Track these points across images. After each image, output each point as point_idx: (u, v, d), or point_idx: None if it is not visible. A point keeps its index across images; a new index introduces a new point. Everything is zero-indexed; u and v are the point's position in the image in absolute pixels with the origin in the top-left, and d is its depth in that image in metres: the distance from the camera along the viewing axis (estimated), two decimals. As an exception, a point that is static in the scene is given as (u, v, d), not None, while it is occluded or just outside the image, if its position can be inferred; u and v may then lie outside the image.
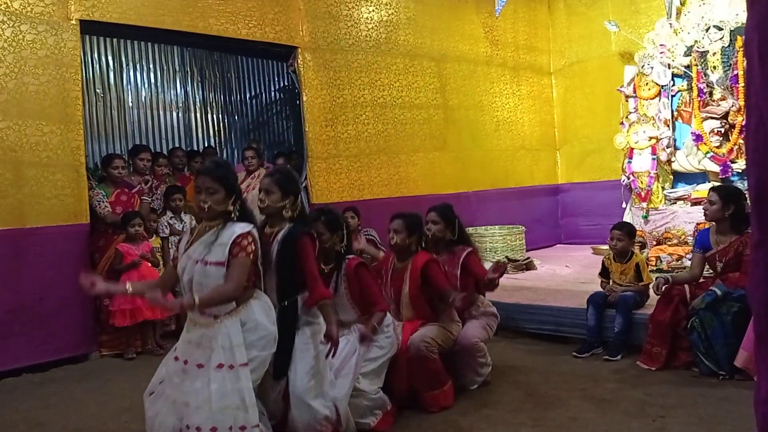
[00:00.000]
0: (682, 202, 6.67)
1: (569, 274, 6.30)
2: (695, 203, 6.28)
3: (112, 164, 5.26)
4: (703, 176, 6.68)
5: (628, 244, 4.58)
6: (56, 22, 4.82)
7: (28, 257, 4.64)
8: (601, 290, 4.58)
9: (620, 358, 4.17)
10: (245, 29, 5.84)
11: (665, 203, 6.79)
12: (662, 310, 4.01)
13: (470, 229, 7.12)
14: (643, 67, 6.94)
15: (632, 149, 7.00)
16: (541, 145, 8.70)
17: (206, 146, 7.04)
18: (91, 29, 5.29)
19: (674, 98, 6.89)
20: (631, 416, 3.24)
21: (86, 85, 6.26)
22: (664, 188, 6.87)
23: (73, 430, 3.53)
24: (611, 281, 4.62)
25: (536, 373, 4.06)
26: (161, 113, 7.27)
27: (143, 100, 7.14)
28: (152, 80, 7.18)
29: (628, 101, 7.16)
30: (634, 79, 7.07)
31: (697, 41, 6.55)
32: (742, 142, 5.95)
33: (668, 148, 6.80)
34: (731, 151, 6.25)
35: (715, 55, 6.40)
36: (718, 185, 4.64)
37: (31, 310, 4.63)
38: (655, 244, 6.42)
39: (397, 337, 3.46)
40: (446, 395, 3.53)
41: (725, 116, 6.30)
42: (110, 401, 3.94)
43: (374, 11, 6.83)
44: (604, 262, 4.72)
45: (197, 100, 7.55)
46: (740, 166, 6.06)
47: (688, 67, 6.63)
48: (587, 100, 8.36)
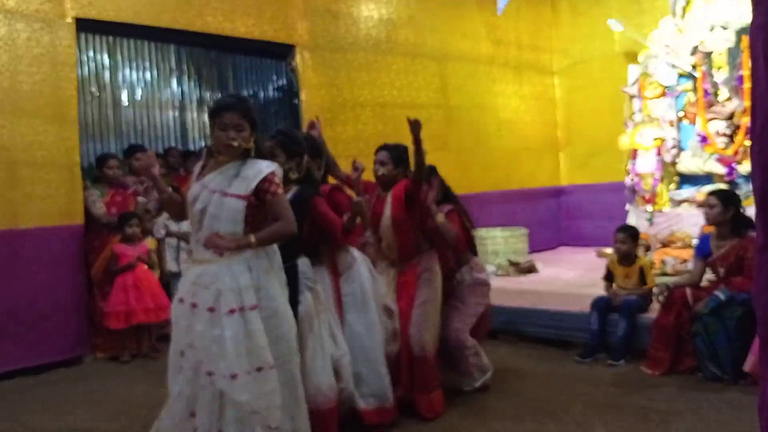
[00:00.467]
0: (687, 204, 6.60)
1: (572, 277, 6.25)
2: (701, 205, 6.21)
3: (107, 164, 5.21)
4: (708, 178, 6.60)
5: (632, 246, 4.55)
6: (51, 20, 4.78)
7: (21, 258, 4.60)
8: (604, 294, 4.54)
9: (623, 362, 4.14)
10: (243, 27, 5.80)
11: (670, 205, 6.72)
12: (666, 314, 3.99)
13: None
14: (647, 67, 6.88)
15: (636, 150, 6.93)
16: (543, 145, 8.63)
17: (202, 146, 6.99)
18: (86, 27, 5.24)
19: (679, 99, 6.82)
20: (634, 421, 3.20)
21: (81, 83, 6.21)
22: (669, 190, 6.80)
23: (65, 434, 3.49)
24: (615, 285, 4.58)
25: (538, 377, 4.03)
26: (157, 112, 7.23)
27: (139, 98, 7.10)
28: (148, 79, 7.14)
29: (632, 101, 7.10)
30: (638, 79, 7.01)
31: (702, 41, 6.48)
32: (747, 143, 5.89)
33: (673, 149, 6.73)
34: (737, 152, 6.18)
35: (720, 55, 6.34)
36: (714, 189, 4.62)
37: (24, 312, 4.59)
38: (659, 246, 6.36)
39: (395, 329, 3.40)
40: (439, 400, 3.45)
41: (731, 117, 6.24)
42: (105, 404, 3.91)
43: (374, 9, 6.78)
44: (608, 265, 4.68)
45: (194, 99, 7.50)
46: (746, 168, 5.99)
47: (693, 67, 6.56)
48: (591, 100, 8.28)
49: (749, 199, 5.00)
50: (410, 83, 7.01)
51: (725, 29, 6.29)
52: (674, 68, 6.68)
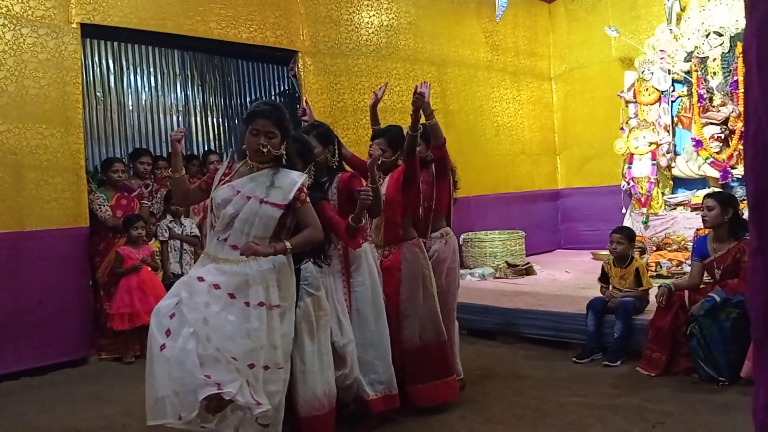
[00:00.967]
0: (682, 207, 6.68)
1: (569, 279, 6.30)
2: (695, 209, 6.28)
3: (111, 168, 5.25)
4: (703, 182, 6.69)
5: (628, 247, 4.57)
6: (57, 25, 4.82)
7: (27, 260, 4.63)
8: (600, 296, 4.57)
9: (620, 363, 4.16)
10: (246, 33, 5.85)
11: (665, 209, 6.79)
12: (662, 315, 4.00)
13: (470, 233, 7.18)
14: (643, 72, 6.96)
15: (632, 154, 7.02)
16: (541, 150, 8.70)
17: (206, 150, 7.03)
18: (91, 33, 5.29)
19: (674, 104, 6.90)
20: (630, 422, 3.23)
21: (86, 88, 6.25)
22: (664, 194, 6.87)
23: (71, 433, 3.52)
24: (611, 286, 4.61)
25: (535, 378, 4.05)
26: (161, 117, 7.26)
27: (143, 103, 7.13)
28: (153, 84, 7.18)
29: (628, 107, 7.18)
30: (634, 84, 7.09)
31: (697, 47, 6.57)
32: (742, 148, 5.94)
33: (668, 153, 6.81)
34: (731, 156, 6.26)
35: (715, 60, 6.42)
36: (711, 192, 4.66)
37: (30, 313, 4.62)
38: (655, 249, 6.42)
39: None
40: (451, 387, 3.50)
41: (725, 122, 6.31)
42: (109, 405, 3.93)
43: (375, 16, 6.84)
44: (603, 267, 4.71)
45: (197, 103, 7.54)
46: (740, 172, 6.05)
47: (688, 72, 6.64)
48: (587, 105, 8.36)
49: (743, 202, 5.06)
50: (410, 88, 6.99)
51: (720, 35, 6.37)
52: (669, 74, 6.77)
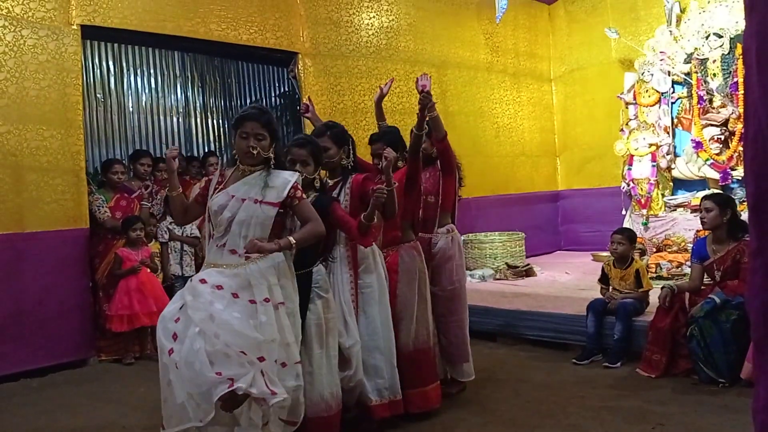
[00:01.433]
0: (682, 209, 6.68)
1: (569, 280, 6.29)
2: (695, 210, 6.28)
3: (111, 169, 5.26)
4: (702, 183, 6.69)
5: (628, 248, 4.57)
6: (57, 27, 4.83)
7: (27, 262, 4.64)
8: (600, 297, 4.58)
9: (620, 365, 4.16)
10: (246, 35, 5.86)
11: (665, 210, 6.79)
12: (662, 317, 4.00)
13: (470, 235, 7.18)
14: (643, 74, 6.96)
15: (632, 156, 7.02)
16: (541, 151, 8.70)
17: (207, 151, 7.03)
18: (92, 34, 5.30)
19: (674, 105, 6.90)
20: (630, 424, 3.23)
21: (87, 89, 6.25)
22: (663, 195, 6.88)
23: (70, 435, 3.52)
24: (611, 288, 4.61)
25: (535, 380, 4.05)
26: (162, 118, 7.27)
27: (144, 105, 7.14)
28: (153, 85, 7.18)
29: (628, 108, 7.18)
30: (634, 86, 7.10)
31: (697, 48, 6.57)
32: (741, 149, 5.95)
33: (668, 155, 6.82)
34: (731, 158, 6.26)
35: (715, 62, 6.42)
36: (709, 194, 4.65)
37: (29, 314, 4.62)
38: (655, 251, 6.42)
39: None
40: (437, 393, 3.48)
41: (725, 123, 6.32)
42: (108, 406, 3.93)
43: (375, 17, 6.85)
44: (603, 268, 4.71)
45: (198, 105, 7.54)
46: (740, 173, 6.06)
47: (688, 74, 6.65)
48: (587, 106, 8.37)
49: (743, 204, 5.07)
50: (411, 90, 7.04)
51: (720, 37, 6.38)
52: (669, 75, 6.77)
